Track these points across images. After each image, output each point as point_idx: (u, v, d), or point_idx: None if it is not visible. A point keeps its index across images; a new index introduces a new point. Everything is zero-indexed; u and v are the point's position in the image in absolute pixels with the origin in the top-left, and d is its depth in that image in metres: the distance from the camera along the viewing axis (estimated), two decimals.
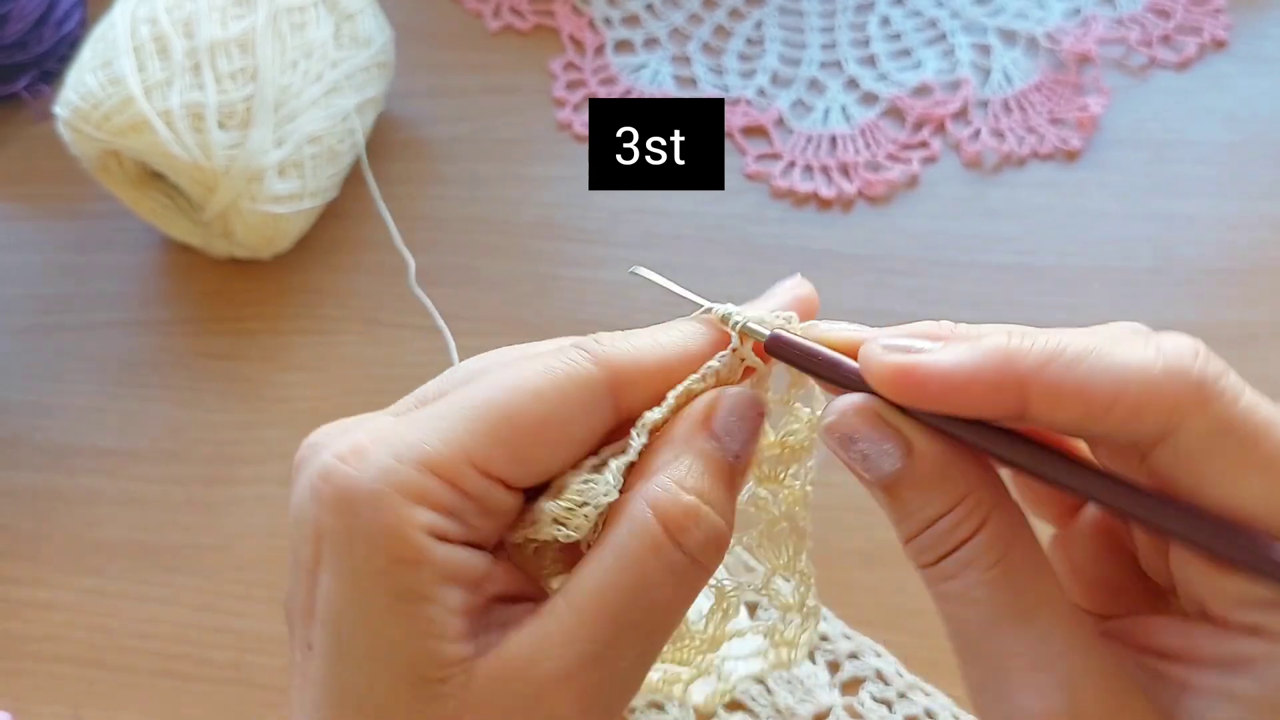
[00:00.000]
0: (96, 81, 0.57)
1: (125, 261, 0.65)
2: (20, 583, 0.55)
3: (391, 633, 0.25)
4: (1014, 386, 0.24)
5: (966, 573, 0.25)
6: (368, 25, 0.63)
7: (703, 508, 0.26)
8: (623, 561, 0.26)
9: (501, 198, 0.66)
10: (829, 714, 0.48)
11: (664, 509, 0.26)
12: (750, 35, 0.72)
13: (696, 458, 0.27)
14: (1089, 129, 0.65)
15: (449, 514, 0.26)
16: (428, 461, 0.25)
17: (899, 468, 0.25)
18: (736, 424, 0.28)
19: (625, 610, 0.25)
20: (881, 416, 0.26)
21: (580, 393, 0.27)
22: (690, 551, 0.26)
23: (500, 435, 0.26)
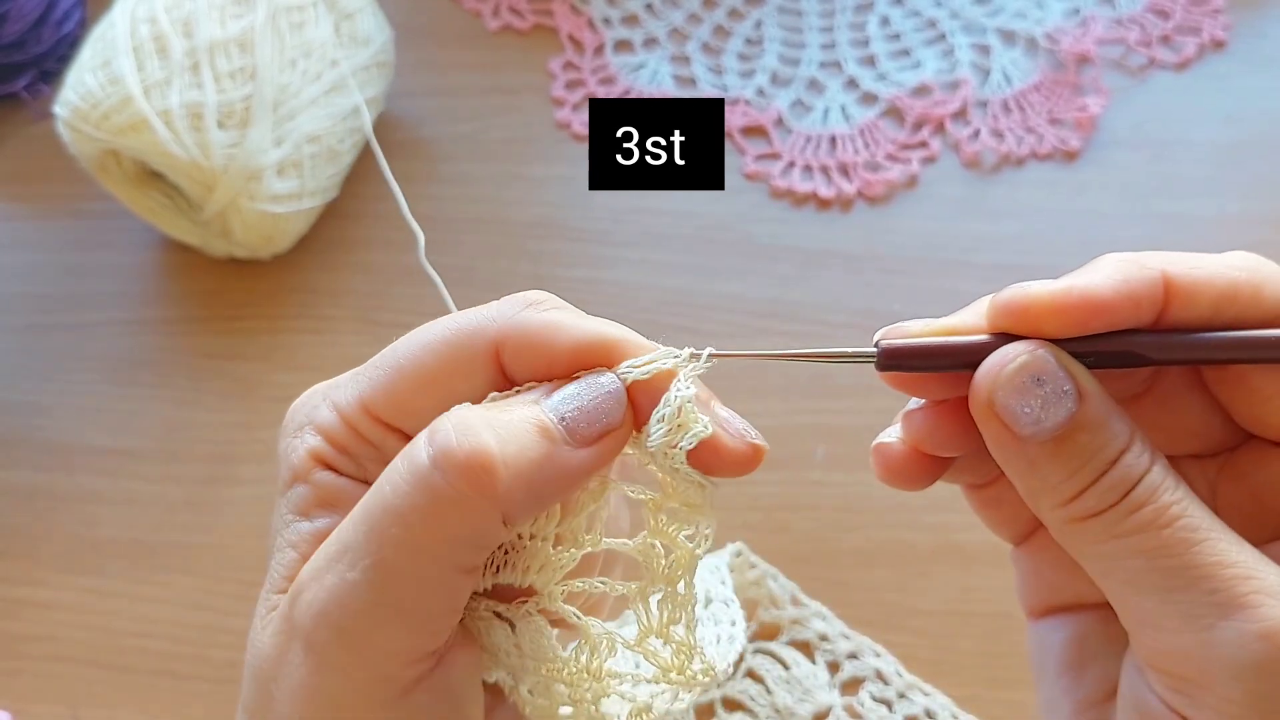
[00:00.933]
0: (96, 81, 0.57)
1: (125, 261, 0.65)
2: (19, 582, 0.55)
3: (277, 541, 0.28)
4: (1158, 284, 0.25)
5: (1158, 496, 0.25)
6: (367, 24, 0.63)
7: (474, 422, 0.25)
8: (384, 472, 0.26)
9: (501, 198, 0.66)
10: (829, 714, 0.48)
11: (436, 425, 0.25)
12: (750, 35, 0.72)
13: (508, 406, 0.26)
14: (1088, 129, 0.65)
15: (343, 450, 0.28)
16: (337, 403, 0.28)
17: (1074, 410, 0.25)
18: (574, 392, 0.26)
19: (365, 512, 0.25)
20: (1059, 357, 0.25)
21: (463, 347, 0.28)
22: (434, 457, 0.24)
23: (387, 385, 0.28)
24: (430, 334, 0.28)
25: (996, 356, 0.26)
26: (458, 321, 0.28)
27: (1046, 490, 0.26)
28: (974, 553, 0.52)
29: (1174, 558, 0.24)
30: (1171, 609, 0.24)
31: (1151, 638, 0.25)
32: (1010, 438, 0.26)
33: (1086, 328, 0.26)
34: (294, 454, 0.29)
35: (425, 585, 0.25)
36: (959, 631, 0.50)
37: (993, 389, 0.25)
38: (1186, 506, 0.25)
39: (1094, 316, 0.25)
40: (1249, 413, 0.27)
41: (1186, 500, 0.25)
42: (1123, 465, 0.25)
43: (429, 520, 0.24)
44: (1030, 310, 0.26)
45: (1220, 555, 0.24)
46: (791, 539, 0.53)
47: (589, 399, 0.26)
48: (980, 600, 0.51)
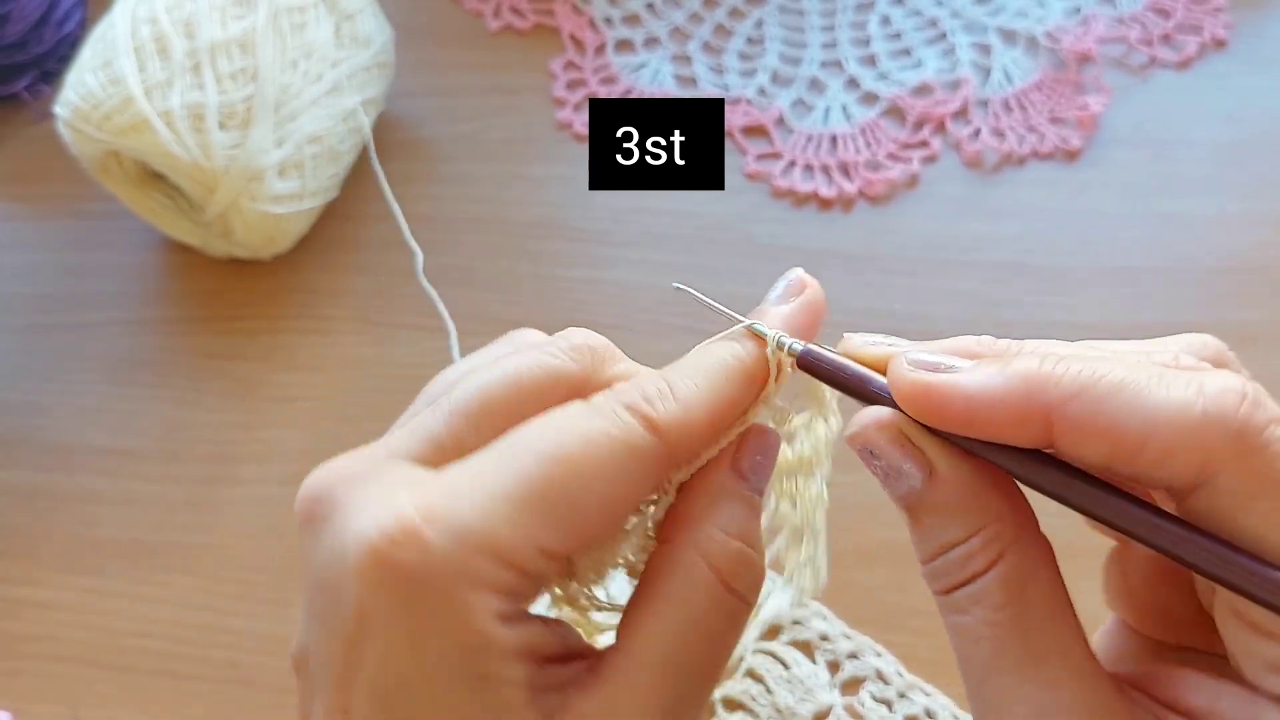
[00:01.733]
0: (97, 81, 0.57)
1: (125, 261, 0.65)
2: (19, 582, 0.55)
3: (466, 712, 0.24)
4: (1039, 417, 0.23)
5: (976, 609, 0.25)
6: (368, 25, 0.63)
7: (748, 552, 0.27)
8: (683, 614, 0.26)
9: (501, 197, 0.66)
10: (829, 714, 0.48)
11: (716, 559, 0.26)
12: (751, 34, 0.72)
13: (733, 501, 0.27)
14: (1089, 128, 0.65)
15: (514, 596, 0.25)
16: (494, 548, 0.24)
17: (917, 488, 0.25)
18: (761, 463, 0.28)
19: (691, 662, 0.26)
20: (904, 433, 0.25)
21: (641, 469, 0.26)
22: (742, 595, 0.27)
23: (563, 517, 0.25)
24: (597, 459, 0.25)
25: (860, 414, 0.26)
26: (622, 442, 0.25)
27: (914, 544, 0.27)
28: None
29: (971, 670, 0.25)
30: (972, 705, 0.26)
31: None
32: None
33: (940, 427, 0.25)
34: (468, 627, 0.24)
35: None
36: None
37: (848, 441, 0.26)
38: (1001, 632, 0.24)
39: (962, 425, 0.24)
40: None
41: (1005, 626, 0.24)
42: (950, 559, 0.25)
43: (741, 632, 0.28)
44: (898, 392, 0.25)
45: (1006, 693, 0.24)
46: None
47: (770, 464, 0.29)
48: None
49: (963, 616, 0.25)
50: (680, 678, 0.26)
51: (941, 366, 0.25)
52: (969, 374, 0.24)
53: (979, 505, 0.25)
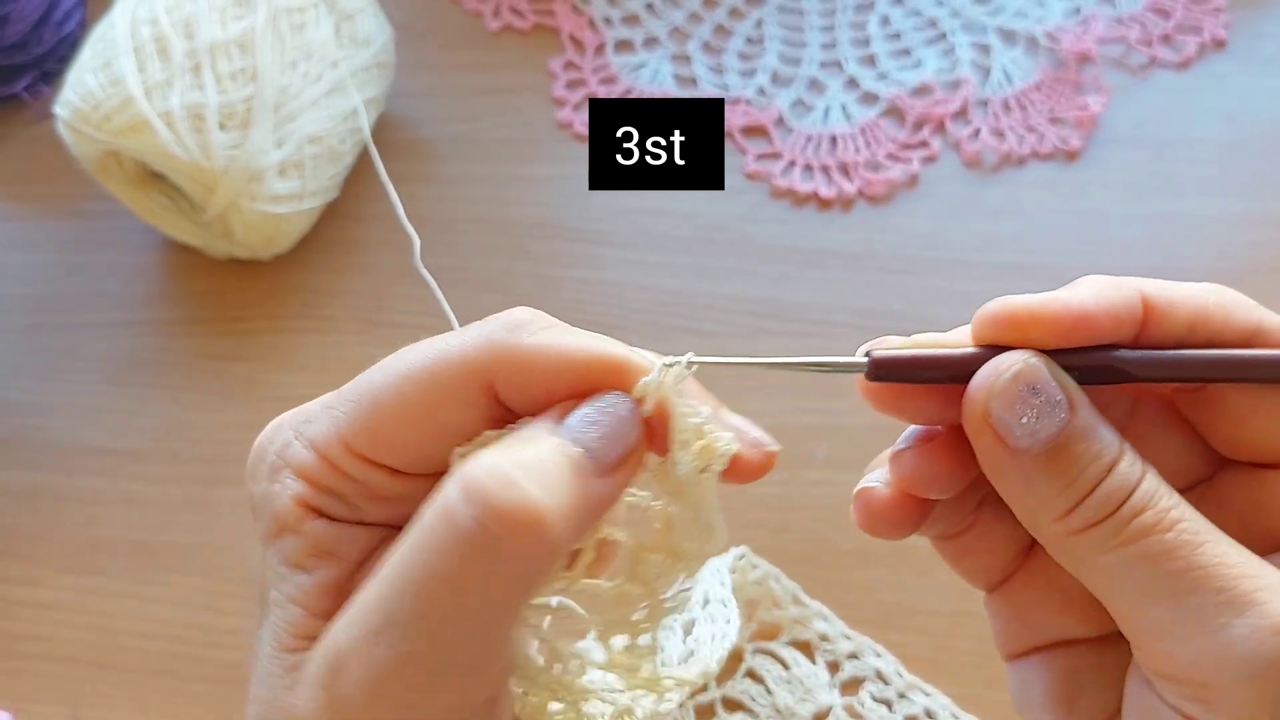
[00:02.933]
0: (96, 82, 0.57)
1: (125, 261, 0.65)
2: (19, 582, 0.55)
3: (274, 595, 0.26)
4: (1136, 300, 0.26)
5: (1156, 500, 0.25)
6: (368, 25, 0.63)
7: (513, 472, 0.23)
8: (415, 531, 0.24)
9: (501, 198, 0.66)
10: (829, 714, 0.48)
11: (469, 475, 0.23)
12: (750, 34, 0.72)
13: (534, 439, 0.25)
14: (1089, 128, 0.65)
15: (329, 492, 0.26)
16: (314, 440, 0.26)
17: (1066, 420, 0.25)
18: (592, 417, 0.25)
19: (407, 582, 0.23)
20: (1049, 367, 0.25)
21: (454, 378, 0.26)
22: (483, 520, 0.23)
23: (368, 419, 0.26)
24: (410, 363, 0.26)
25: (991, 366, 0.25)
26: (440, 350, 0.26)
27: (1043, 505, 0.25)
28: None
29: (1178, 560, 0.24)
30: (1181, 613, 0.24)
31: (1161, 646, 0.25)
32: (1005, 452, 0.25)
33: (1071, 338, 0.26)
34: (276, 501, 0.26)
35: (485, 642, 0.24)
36: (959, 631, 0.50)
37: (988, 399, 0.25)
38: (1183, 511, 0.25)
39: (1078, 327, 0.26)
40: (1226, 435, 0.28)
41: (1182, 505, 0.25)
42: (1118, 474, 0.25)
43: (486, 581, 0.23)
44: (1016, 319, 0.26)
45: (1223, 557, 0.24)
46: (792, 539, 0.53)
47: (609, 425, 0.25)
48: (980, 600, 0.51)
49: (1146, 515, 0.25)
50: (397, 596, 0.23)
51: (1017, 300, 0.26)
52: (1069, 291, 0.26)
53: (1110, 427, 0.26)
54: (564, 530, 0.23)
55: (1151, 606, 0.25)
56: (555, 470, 0.24)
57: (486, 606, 0.24)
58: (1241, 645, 0.23)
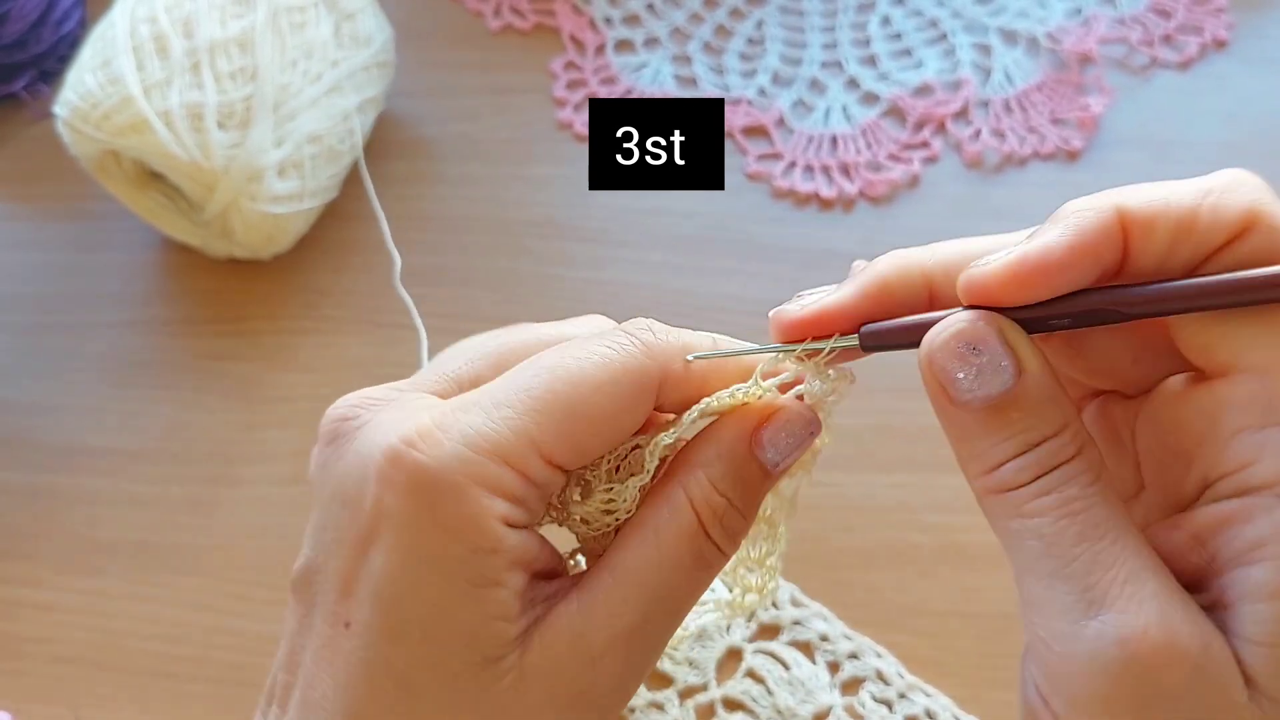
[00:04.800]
0: (96, 81, 0.57)
1: (125, 261, 0.65)
2: (20, 583, 0.55)
3: (465, 616, 0.26)
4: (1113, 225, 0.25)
5: (1067, 487, 0.25)
6: (368, 24, 0.63)
7: (730, 510, 0.29)
8: (661, 543, 0.28)
9: (501, 197, 0.66)
10: (829, 714, 0.48)
11: (699, 502, 0.28)
12: (751, 35, 0.72)
13: (732, 461, 0.29)
14: (1090, 129, 0.65)
15: (518, 502, 0.27)
16: (501, 452, 0.26)
17: (1010, 385, 0.25)
18: (785, 441, 0.29)
19: (662, 586, 0.28)
20: (1004, 330, 0.26)
21: (634, 386, 0.28)
22: (721, 545, 0.29)
23: (564, 428, 0.27)
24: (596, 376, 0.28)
25: (939, 324, 0.26)
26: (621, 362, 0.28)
27: (973, 458, 0.27)
28: (975, 553, 0.52)
29: (1063, 548, 0.25)
30: (1052, 596, 0.25)
31: (1033, 618, 0.26)
32: (947, 401, 0.26)
33: (1047, 292, 0.26)
34: (475, 524, 0.26)
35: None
36: (960, 632, 0.50)
37: (930, 351, 0.26)
38: (1092, 505, 0.25)
39: (1050, 281, 0.25)
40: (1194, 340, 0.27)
41: (1096, 499, 0.25)
42: (1044, 449, 0.26)
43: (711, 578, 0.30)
44: (987, 287, 0.26)
45: (1106, 558, 0.25)
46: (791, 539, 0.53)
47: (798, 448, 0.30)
48: (981, 601, 0.51)
49: (1052, 496, 0.25)
50: (651, 600, 0.28)
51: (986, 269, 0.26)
52: (1041, 238, 0.26)
53: (1064, 402, 0.26)
54: None
55: (1033, 581, 0.26)
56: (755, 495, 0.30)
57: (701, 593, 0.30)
58: (1087, 643, 0.24)
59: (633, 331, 0.29)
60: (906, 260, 0.28)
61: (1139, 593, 0.24)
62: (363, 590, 0.27)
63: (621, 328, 0.29)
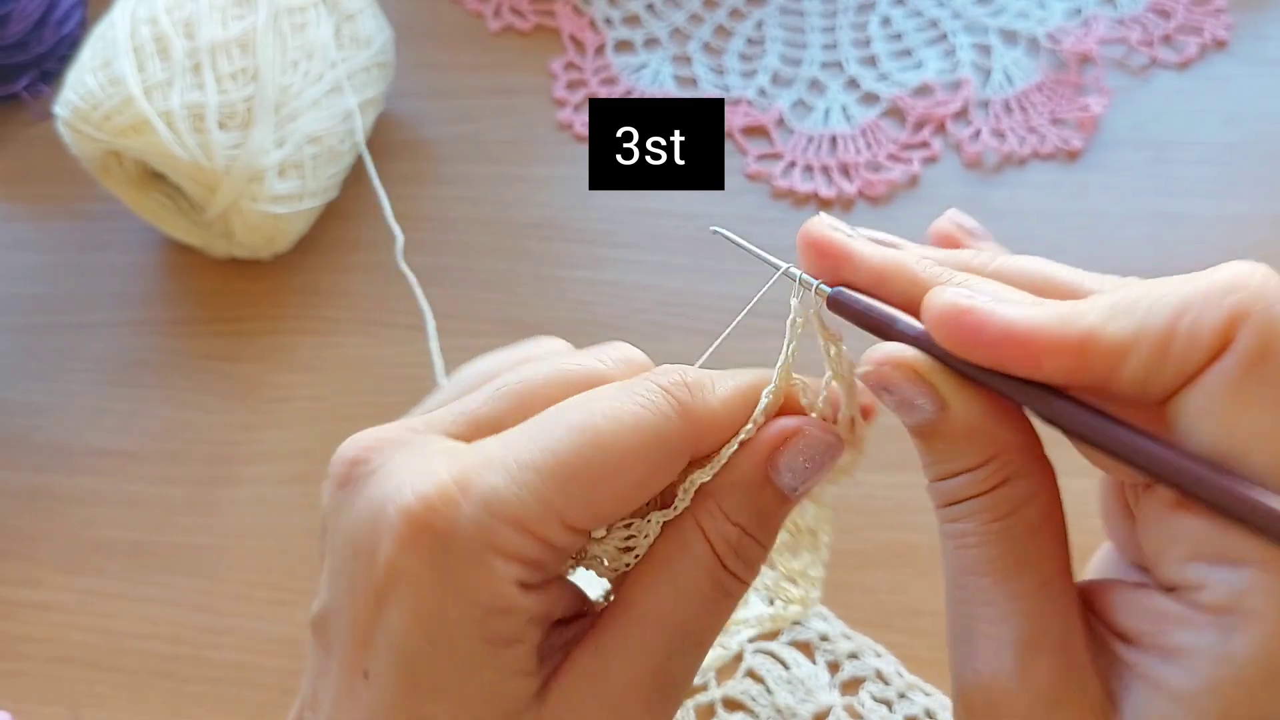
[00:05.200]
0: (96, 82, 0.57)
1: (125, 261, 0.65)
2: (19, 583, 0.55)
3: (484, 674, 0.26)
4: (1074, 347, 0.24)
5: (970, 519, 0.26)
6: (368, 25, 0.63)
7: (745, 540, 0.28)
8: (676, 579, 0.27)
9: (501, 198, 0.66)
10: (829, 714, 0.48)
11: (713, 535, 0.28)
12: (751, 35, 0.72)
13: (747, 490, 0.28)
14: (1090, 129, 0.65)
15: (537, 567, 0.26)
16: (522, 520, 0.25)
17: (931, 418, 0.26)
18: (805, 467, 0.28)
19: (681, 623, 0.27)
20: (918, 372, 0.26)
21: (667, 453, 0.27)
22: (733, 572, 0.28)
23: (590, 494, 0.26)
24: (627, 440, 0.26)
25: (873, 350, 0.26)
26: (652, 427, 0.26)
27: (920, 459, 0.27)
28: None
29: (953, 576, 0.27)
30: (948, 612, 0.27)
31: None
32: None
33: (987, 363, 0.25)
34: (491, 591, 0.25)
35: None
36: None
37: (861, 379, 0.27)
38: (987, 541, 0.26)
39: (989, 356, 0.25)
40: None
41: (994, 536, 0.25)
42: (957, 481, 0.26)
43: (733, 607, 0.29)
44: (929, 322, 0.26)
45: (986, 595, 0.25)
46: None
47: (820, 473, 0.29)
48: None
49: (957, 524, 0.26)
50: (673, 635, 0.27)
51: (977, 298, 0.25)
52: (1013, 306, 0.25)
53: (988, 437, 0.26)
54: None
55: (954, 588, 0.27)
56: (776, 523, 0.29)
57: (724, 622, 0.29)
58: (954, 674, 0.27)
59: (668, 388, 0.27)
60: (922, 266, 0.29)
61: (1005, 638, 0.25)
62: (380, 642, 0.26)
63: (656, 380, 0.27)
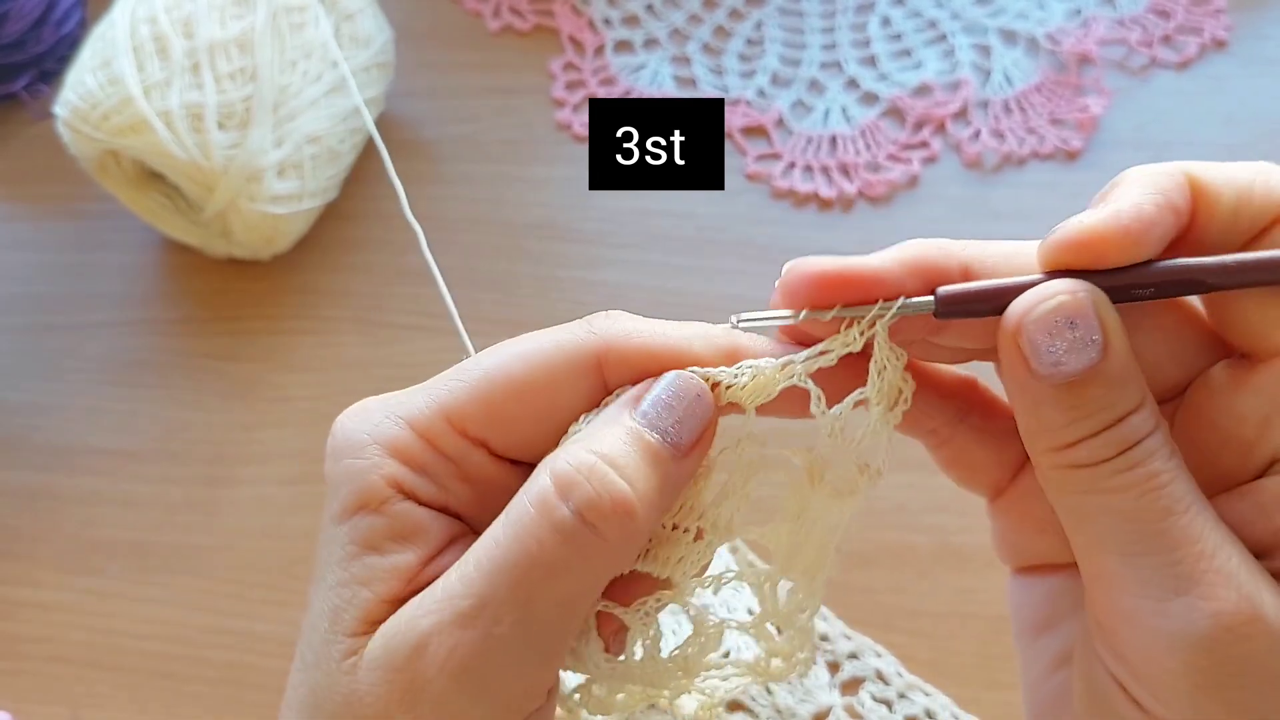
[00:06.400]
0: (96, 81, 0.57)
1: (125, 261, 0.65)
2: (19, 583, 0.55)
3: (339, 575, 0.26)
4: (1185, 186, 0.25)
5: (1151, 461, 0.25)
6: (367, 25, 0.63)
7: (600, 466, 0.25)
8: (508, 517, 0.25)
9: (501, 198, 0.66)
10: (829, 714, 0.48)
11: (560, 466, 0.25)
12: (750, 35, 0.72)
13: (614, 427, 0.26)
14: (1089, 130, 0.65)
15: (421, 471, 0.26)
16: (408, 417, 0.26)
17: (1095, 362, 0.25)
18: (666, 402, 0.26)
19: (503, 568, 0.24)
20: (1099, 304, 0.25)
21: (566, 359, 0.27)
22: (579, 510, 0.24)
23: (478, 394, 0.26)
24: (526, 345, 0.27)
25: (1036, 291, 0.25)
26: (553, 337, 0.27)
27: (1044, 432, 0.26)
28: (972, 554, 0.52)
29: (1147, 524, 0.25)
30: (1131, 573, 0.25)
31: (1106, 596, 0.25)
32: (1026, 372, 0.25)
33: (1146, 251, 0.25)
34: (362, 479, 0.26)
35: (568, 628, 0.26)
36: (958, 633, 0.50)
37: (1024, 320, 0.25)
38: (1175, 478, 0.25)
39: (1148, 237, 0.25)
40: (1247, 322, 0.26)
41: (1177, 473, 0.25)
42: (1127, 425, 0.25)
43: (582, 571, 0.25)
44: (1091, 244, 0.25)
45: (1193, 533, 0.24)
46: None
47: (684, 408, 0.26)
48: (979, 602, 0.51)
49: (1137, 471, 0.25)
50: (490, 583, 0.24)
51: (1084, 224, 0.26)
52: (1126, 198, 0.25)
53: (1140, 377, 0.25)
54: (648, 516, 0.25)
55: (1109, 558, 0.25)
56: (637, 459, 0.25)
57: (578, 593, 0.25)
58: (1175, 620, 0.24)
59: (590, 317, 0.28)
60: (945, 245, 0.27)
61: (1225, 567, 0.24)
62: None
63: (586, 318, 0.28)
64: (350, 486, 0.26)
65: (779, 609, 0.30)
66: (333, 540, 0.26)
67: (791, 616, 0.29)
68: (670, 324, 0.28)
